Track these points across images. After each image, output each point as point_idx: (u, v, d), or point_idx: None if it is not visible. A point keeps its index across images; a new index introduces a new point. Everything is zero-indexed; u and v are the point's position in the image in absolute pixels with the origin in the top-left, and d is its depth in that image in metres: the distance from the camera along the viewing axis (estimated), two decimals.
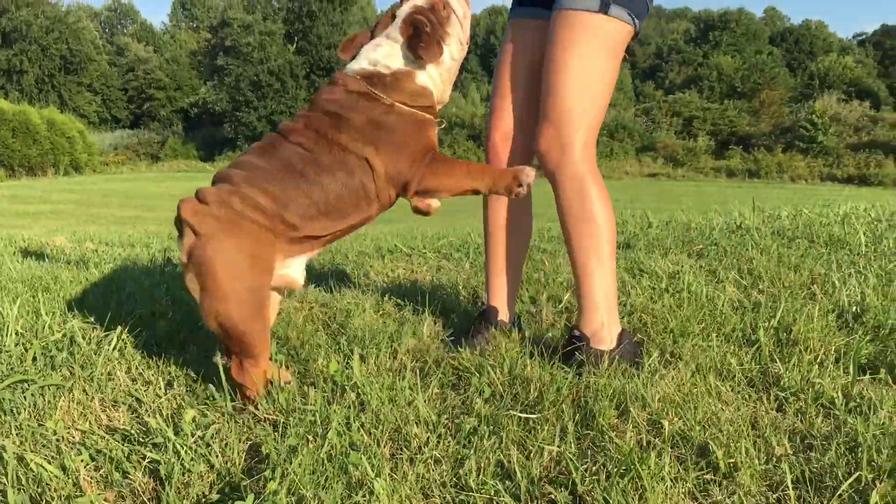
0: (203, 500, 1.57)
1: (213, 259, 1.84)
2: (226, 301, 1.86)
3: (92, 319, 2.58)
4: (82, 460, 1.67)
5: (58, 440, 1.78)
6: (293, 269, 2.04)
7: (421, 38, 2.07)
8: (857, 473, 1.52)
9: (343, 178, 2.00)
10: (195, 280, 1.87)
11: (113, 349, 2.29)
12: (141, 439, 1.78)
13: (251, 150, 2.06)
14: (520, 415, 1.84)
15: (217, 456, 1.68)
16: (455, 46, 2.19)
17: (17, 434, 1.81)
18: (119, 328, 2.41)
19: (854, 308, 2.55)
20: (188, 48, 62.91)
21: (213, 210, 1.88)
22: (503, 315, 2.51)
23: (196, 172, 44.62)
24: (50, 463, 1.66)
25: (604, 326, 2.21)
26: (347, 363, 2.15)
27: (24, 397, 1.99)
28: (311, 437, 1.74)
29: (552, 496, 1.54)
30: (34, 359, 2.25)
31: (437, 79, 2.16)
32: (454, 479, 1.61)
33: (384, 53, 2.12)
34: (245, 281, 1.87)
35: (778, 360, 2.14)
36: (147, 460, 1.68)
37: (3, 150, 36.43)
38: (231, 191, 1.92)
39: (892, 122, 42.24)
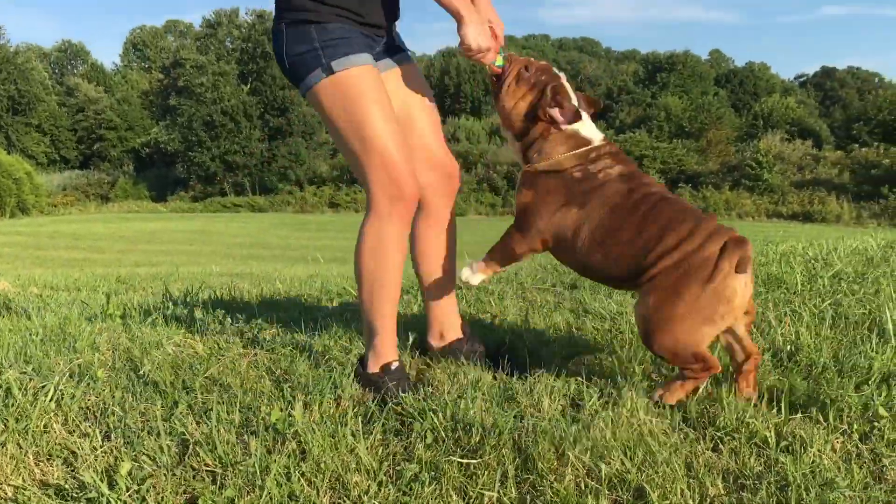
0: None
1: None
2: None
3: (29, 370, 2.53)
4: None
5: None
6: None
7: None
8: None
9: None
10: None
11: (49, 400, 2.25)
12: (75, 494, 1.75)
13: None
14: (460, 460, 1.85)
15: None
16: None
17: None
18: (57, 378, 2.36)
19: (788, 347, 2.62)
20: (140, 88, 62.49)
21: None
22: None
23: (147, 213, 44.10)
24: None
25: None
26: (290, 411, 2.14)
27: None
28: (249, 489, 1.72)
29: None
30: None
31: None
32: None
33: None
34: None
35: (715, 400, 2.18)
36: None
37: None
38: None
39: (833, 160, 43.63)
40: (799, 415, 2.09)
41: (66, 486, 1.79)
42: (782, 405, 2.11)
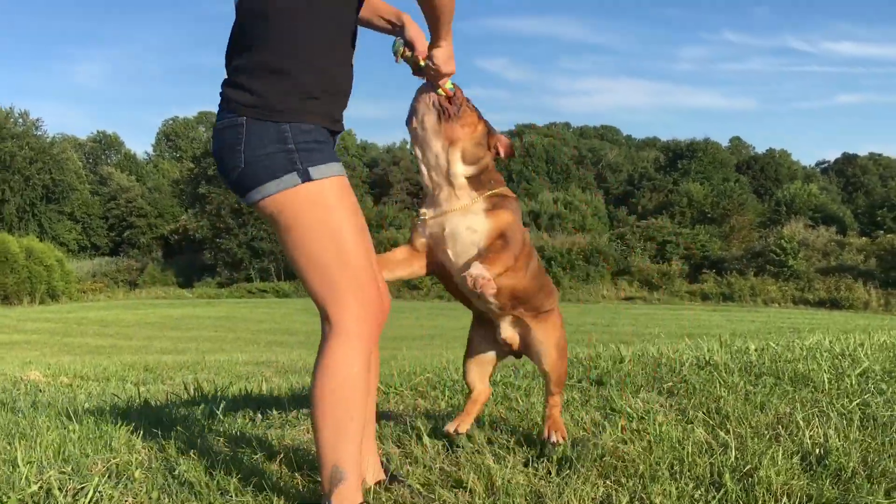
0: None
1: None
2: None
3: (69, 469, 2.60)
4: None
5: None
6: None
7: None
8: None
9: None
10: None
11: (89, 502, 2.31)
12: None
13: None
14: None
15: None
16: None
17: None
18: (96, 479, 2.42)
19: (817, 450, 2.62)
20: (171, 177, 64.07)
21: None
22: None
23: (174, 299, 44.53)
24: None
25: None
26: None
27: None
28: None
29: None
30: None
31: None
32: None
33: None
34: None
35: None
36: None
37: None
38: None
39: (858, 246, 43.37)
40: None
41: None
42: None
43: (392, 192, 63.31)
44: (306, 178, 2.07)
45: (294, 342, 20.37)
